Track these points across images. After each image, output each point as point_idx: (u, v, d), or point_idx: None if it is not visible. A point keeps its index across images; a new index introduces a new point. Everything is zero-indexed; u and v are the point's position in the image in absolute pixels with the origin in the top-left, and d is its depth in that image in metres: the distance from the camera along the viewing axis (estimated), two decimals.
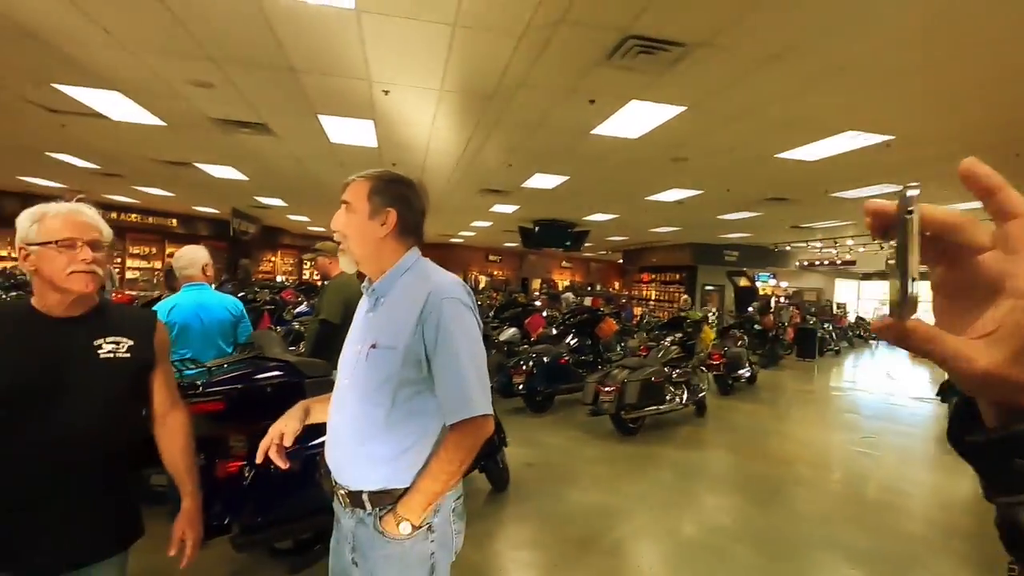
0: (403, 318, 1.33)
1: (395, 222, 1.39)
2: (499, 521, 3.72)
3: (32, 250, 1.34)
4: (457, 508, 1.44)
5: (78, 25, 3.76)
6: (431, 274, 1.40)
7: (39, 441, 1.32)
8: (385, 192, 1.40)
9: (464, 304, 1.36)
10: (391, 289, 1.41)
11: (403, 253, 1.43)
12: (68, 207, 1.39)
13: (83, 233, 1.36)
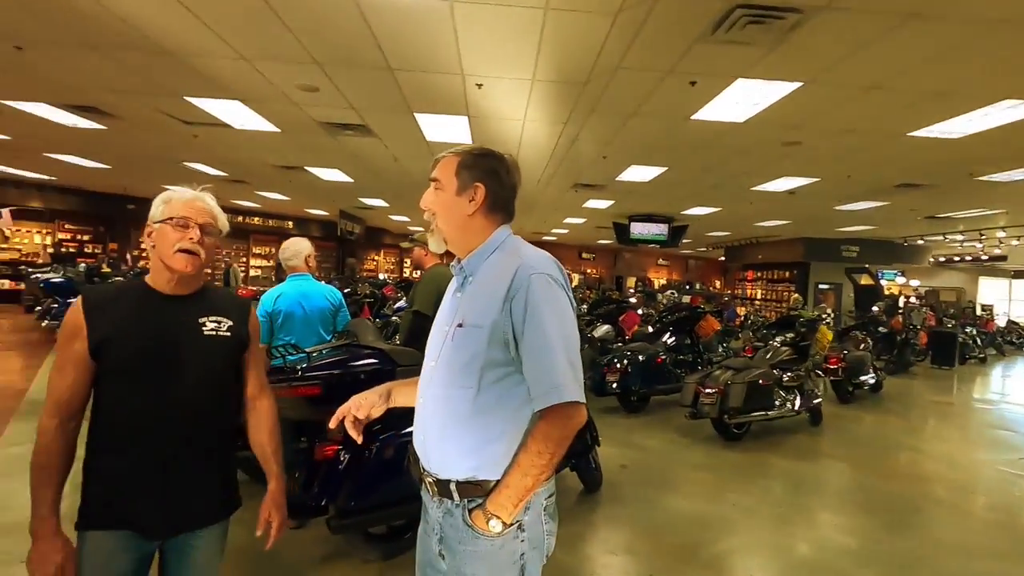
0: (490, 295, 1.25)
1: (484, 198, 1.33)
2: (591, 524, 3.57)
3: (155, 227, 1.46)
4: (549, 507, 1.33)
5: (203, 39, 4.10)
6: (521, 249, 1.31)
7: (153, 409, 1.40)
8: (473, 166, 1.33)
9: (555, 281, 1.26)
10: (479, 267, 1.34)
11: (492, 230, 1.36)
12: (192, 193, 1.50)
13: (199, 216, 1.47)
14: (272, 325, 3.19)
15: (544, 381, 1.18)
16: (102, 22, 3.90)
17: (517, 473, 1.19)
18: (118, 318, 1.40)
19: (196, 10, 3.67)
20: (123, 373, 1.39)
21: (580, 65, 4.25)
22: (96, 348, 1.37)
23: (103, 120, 6.70)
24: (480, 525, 1.22)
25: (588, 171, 8.35)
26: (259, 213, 17.39)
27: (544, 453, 1.18)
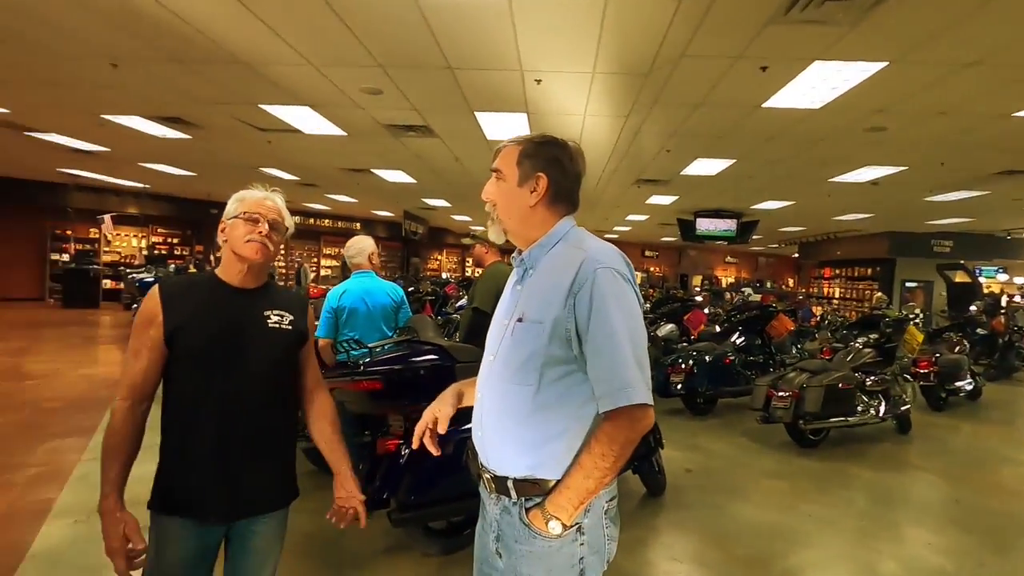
0: (552, 289, 1.20)
1: (546, 188, 1.28)
2: (653, 529, 3.45)
3: (228, 223, 1.55)
4: (610, 510, 1.27)
5: (275, 48, 4.30)
6: (586, 242, 1.26)
7: (217, 396, 1.46)
8: (535, 156, 1.28)
9: (622, 275, 1.19)
10: (541, 260, 1.29)
11: (555, 222, 1.31)
12: (263, 193, 1.59)
13: (268, 212, 1.55)
14: (337, 321, 3.28)
15: (610, 382, 1.12)
16: (187, 37, 4.16)
17: (579, 475, 1.15)
18: (191, 308, 1.48)
19: (268, 20, 3.84)
20: (192, 360, 1.46)
21: (642, 55, 4.12)
22: (170, 335, 1.45)
23: (188, 130, 7.19)
24: (538, 525, 1.18)
25: (651, 166, 8.12)
26: (329, 215, 18.15)
27: (608, 456, 1.13)
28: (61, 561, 2.71)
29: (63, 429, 4.56)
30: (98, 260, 14.31)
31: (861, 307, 15.17)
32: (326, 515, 1.65)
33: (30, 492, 3.43)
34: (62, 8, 3.80)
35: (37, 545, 2.84)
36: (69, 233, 14.24)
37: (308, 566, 2.83)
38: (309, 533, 3.13)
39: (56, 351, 8.01)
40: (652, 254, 24.77)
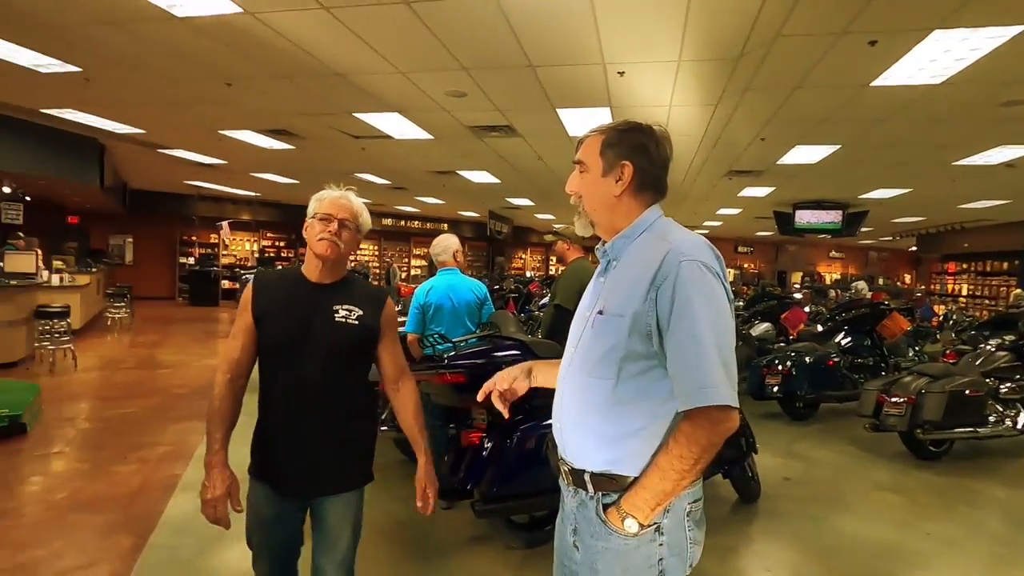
0: (634, 282, 1.17)
1: (631, 176, 1.24)
2: (745, 536, 3.27)
3: (309, 223, 1.68)
4: (694, 513, 1.22)
5: (367, 59, 4.54)
6: (671, 232, 1.21)
7: (288, 382, 1.61)
8: (619, 144, 1.25)
9: (709, 269, 1.13)
10: (625, 251, 1.26)
11: (641, 211, 1.27)
12: (339, 193, 1.71)
13: (339, 212, 1.66)
14: (424, 316, 3.41)
15: (691, 380, 1.07)
16: (290, 54, 4.50)
17: (655, 475, 1.11)
18: (274, 298, 1.66)
19: (362, 34, 4.06)
20: (271, 347, 1.64)
21: (732, 38, 3.91)
22: (256, 320, 1.64)
23: (291, 140, 7.77)
24: (614, 522, 1.16)
25: (744, 156, 7.69)
26: (418, 217, 18.89)
27: (687, 458, 1.08)
28: (187, 529, 3.04)
29: (188, 413, 5.11)
30: (218, 262, 15.86)
31: (995, 306, 13.47)
32: (417, 502, 1.74)
33: (161, 468, 3.87)
34: (185, 36, 4.24)
35: (167, 514, 3.20)
36: (194, 239, 15.90)
37: (396, 550, 2.96)
38: (400, 520, 3.28)
39: (183, 344, 8.97)
40: (746, 250, 23.46)
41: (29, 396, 4.67)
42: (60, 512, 3.19)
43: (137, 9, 3.82)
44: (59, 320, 6.91)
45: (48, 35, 4.41)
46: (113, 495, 3.43)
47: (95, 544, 2.86)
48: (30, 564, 2.65)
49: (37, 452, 4.09)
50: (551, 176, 9.65)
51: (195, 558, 2.76)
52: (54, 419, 4.82)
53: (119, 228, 14.71)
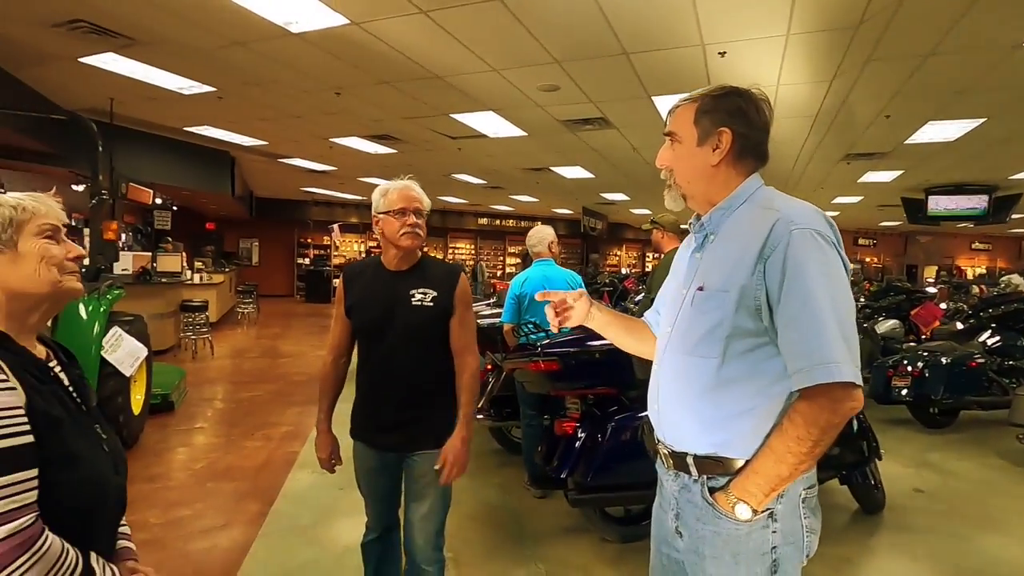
0: (738, 255, 1.10)
1: (730, 143, 1.17)
2: (866, 549, 2.97)
3: (380, 218, 1.80)
4: (809, 500, 1.14)
5: (462, 59, 4.67)
6: (778, 201, 1.14)
7: (377, 361, 1.83)
8: (716, 110, 1.18)
9: (823, 237, 1.06)
10: (724, 223, 1.19)
11: (741, 181, 1.20)
12: (403, 184, 1.82)
13: (410, 203, 1.78)
14: (519, 307, 3.45)
15: (808, 356, 1.00)
16: (392, 60, 4.75)
17: (769, 459, 1.04)
18: (360, 288, 1.87)
19: (456, 34, 4.19)
20: (360, 331, 1.88)
21: (850, 4, 3.57)
22: (347, 309, 1.88)
23: (394, 145, 8.19)
24: (724, 506, 1.10)
25: (865, 137, 7.00)
26: (512, 216, 19.17)
27: (805, 440, 1.01)
28: (305, 500, 3.31)
29: (304, 398, 5.56)
30: (329, 263, 17.12)
31: None
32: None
33: (283, 446, 4.25)
34: (300, 50, 4.61)
35: (287, 486, 3.51)
36: (309, 241, 17.30)
37: (492, 534, 3.02)
38: (494, 505, 3.34)
39: (300, 336, 9.78)
40: (867, 242, 21.29)
41: (176, 378, 5.32)
42: (200, 479, 3.61)
43: (260, 29, 4.21)
44: (200, 313, 7.80)
45: (190, 60, 4.99)
46: (243, 467, 3.82)
47: (229, 507, 3.20)
48: (178, 521, 3.03)
49: (182, 427, 4.65)
50: (647, 168, 9.37)
51: (311, 526, 3.01)
52: (195, 399, 5.45)
53: (247, 233, 16.35)
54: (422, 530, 1.82)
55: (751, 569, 1.10)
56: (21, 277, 0.93)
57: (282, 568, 2.62)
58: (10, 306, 0.93)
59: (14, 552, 0.79)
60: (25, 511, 0.81)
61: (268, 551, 2.76)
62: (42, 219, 0.96)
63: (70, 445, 0.91)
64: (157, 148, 8.26)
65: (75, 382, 1.04)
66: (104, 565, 0.93)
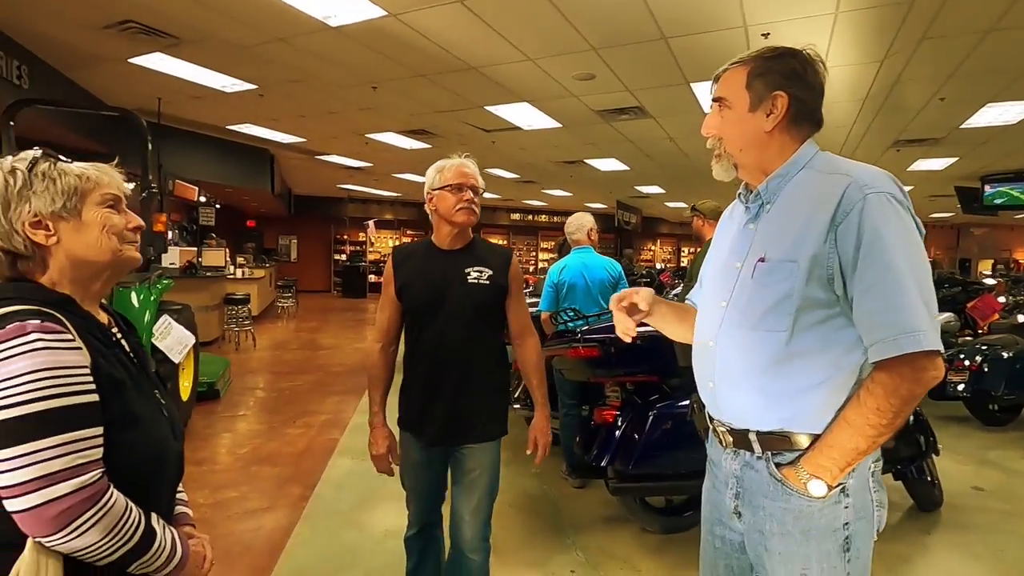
0: (805, 222, 1.05)
1: (786, 108, 1.11)
2: (922, 547, 2.84)
3: (435, 194, 1.77)
4: (877, 473, 1.10)
5: (497, 48, 4.65)
6: (844, 165, 1.08)
7: (430, 342, 1.75)
8: (770, 73, 1.12)
9: (898, 201, 1.01)
10: (781, 191, 1.14)
11: (796, 147, 1.14)
12: (459, 161, 1.78)
13: (467, 179, 1.75)
14: (557, 295, 3.42)
15: (890, 325, 0.96)
16: (427, 52, 4.77)
17: (846, 432, 1.00)
18: (411, 269, 1.80)
19: (491, 22, 4.17)
20: (413, 312, 1.79)
21: None
22: (398, 291, 1.80)
23: (429, 139, 8.24)
24: (794, 483, 1.06)
25: (916, 121, 6.68)
26: (545, 211, 19.09)
27: (886, 412, 0.97)
28: (344, 485, 3.37)
29: (343, 388, 5.66)
30: (365, 259, 17.39)
31: None
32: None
33: (323, 433, 4.33)
34: (338, 45, 4.67)
35: (327, 472, 3.57)
36: (345, 237, 17.61)
37: (531, 522, 3.01)
38: (532, 495, 3.33)
39: (338, 330, 9.97)
40: None
41: (221, 368, 5.48)
42: (245, 463, 3.70)
43: (301, 23, 4.28)
44: (242, 306, 8.03)
45: (233, 57, 5.12)
46: (285, 452, 3.90)
47: (272, 491, 3.28)
48: (224, 502, 3.12)
49: (227, 414, 4.79)
50: (683, 159, 9.19)
51: (351, 510, 3.06)
52: (239, 388, 5.61)
53: (286, 230, 16.74)
54: (471, 524, 1.79)
55: (821, 546, 1.06)
56: (84, 245, 0.94)
57: (325, 549, 2.67)
58: (74, 273, 0.95)
59: (82, 506, 0.81)
60: (92, 467, 0.83)
61: (311, 533, 2.81)
62: (105, 189, 0.98)
63: (132, 407, 0.92)
64: (201, 146, 8.53)
65: (135, 349, 1.06)
66: (164, 526, 0.95)
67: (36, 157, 0.93)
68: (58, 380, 0.81)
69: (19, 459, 0.78)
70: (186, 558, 0.97)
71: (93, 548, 0.83)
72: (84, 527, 0.81)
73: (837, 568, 1.06)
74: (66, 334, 0.85)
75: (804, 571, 1.08)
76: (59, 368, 0.82)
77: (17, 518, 0.79)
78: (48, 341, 0.82)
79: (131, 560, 0.88)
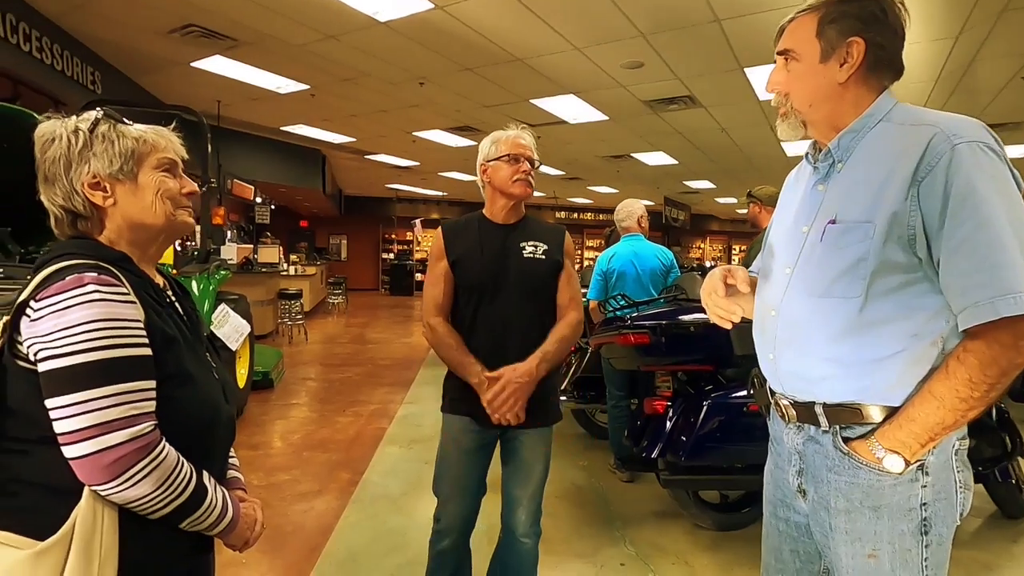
0: (882, 178, 0.96)
1: (862, 55, 1.01)
2: (1008, 556, 2.61)
3: (490, 165, 1.72)
4: (961, 452, 0.99)
5: (543, 38, 4.61)
6: (928, 116, 0.97)
7: (488, 317, 1.68)
8: (844, 17, 1.02)
9: (994, 151, 0.90)
10: (856, 147, 1.04)
11: (873, 99, 1.04)
12: (515, 133, 1.73)
13: (524, 151, 1.71)
14: (607, 284, 3.35)
15: (986, 286, 0.85)
16: (473, 43, 4.77)
17: (930, 405, 0.90)
18: (465, 243, 1.73)
19: (537, 10, 4.13)
20: (470, 287, 1.70)
21: None
22: (452, 265, 1.71)
23: (474, 136, 8.27)
24: (865, 456, 0.97)
25: (995, 104, 6.20)
26: (590, 209, 18.91)
27: (979, 384, 0.87)
28: (392, 472, 3.40)
29: (391, 380, 5.74)
30: (412, 257, 17.69)
31: None
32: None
33: (372, 422, 4.39)
34: (387, 40, 4.74)
35: (376, 459, 3.62)
36: (393, 236, 17.97)
37: (579, 513, 2.95)
38: (581, 486, 3.27)
39: (386, 326, 10.16)
40: None
41: (275, 359, 5.66)
42: (297, 449, 3.80)
43: (349, 20, 4.37)
44: (295, 301, 8.29)
45: (287, 58, 5.29)
46: (335, 440, 3.98)
47: (323, 475, 3.34)
48: (277, 485, 3.20)
49: (280, 402, 4.94)
50: (736, 153, 8.88)
51: (399, 496, 3.08)
52: (292, 378, 5.78)
53: (337, 229, 17.24)
54: (528, 508, 1.73)
55: (895, 525, 0.96)
56: (139, 208, 0.95)
57: (373, 532, 2.69)
58: (131, 235, 0.96)
59: (135, 455, 0.81)
60: (145, 419, 0.84)
61: (360, 515, 2.84)
62: (162, 153, 0.98)
63: (185, 365, 0.93)
64: (258, 148, 8.87)
65: (188, 312, 1.07)
66: (215, 485, 0.95)
67: (98, 118, 0.94)
68: (114, 331, 0.82)
69: (76, 406, 0.79)
70: (237, 519, 0.98)
71: (146, 499, 0.84)
72: (137, 477, 0.82)
73: (912, 552, 0.96)
74: (122, 287, 0.86)
75: (874, 552, 0.98)
76: (115, 320, 0.83)
77: (74, 464, 0.80)
78: (105, 293, 0.83)
79: (183, 515, 0.89)
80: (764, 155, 8.99)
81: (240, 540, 1.02)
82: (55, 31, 4.62)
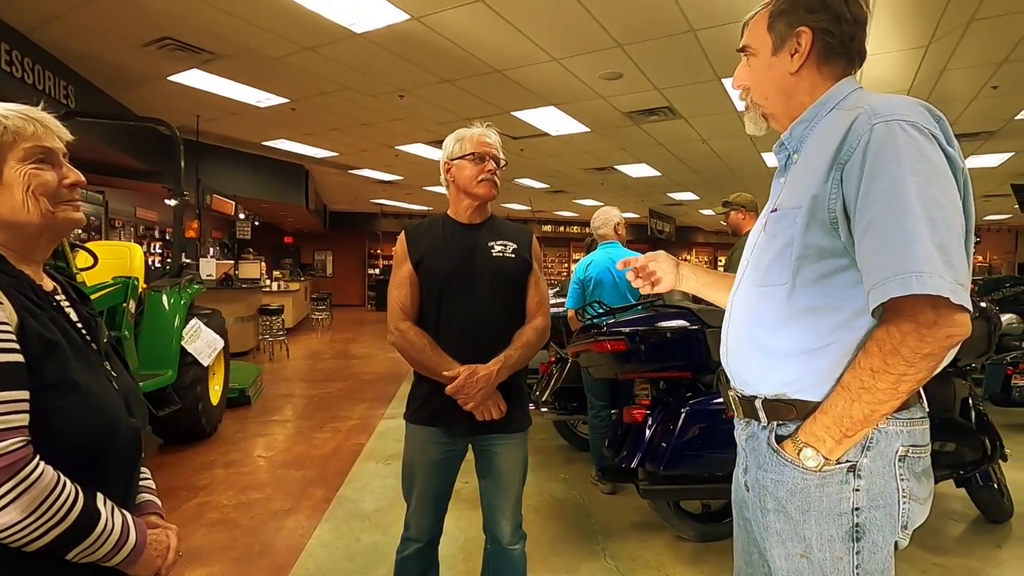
0: (814, 165, 0.94)
1: (810, 43, 1.00)
2: (994, 561, 2.56)
3: (453, 164, 1.67)
4: (911, 460, 0.92)
5: (521, 49, 4.63)
6: (865, 99, 0.94)
7: (457, 322, 1.60)
8: (792, 9, 1.01)
9: (916, 127, 0.85)
10: (808, 137, 1.01)
11: (829, 85, 1.02)
12: (480, 130, 1.69)
13: (489, 150, 1.66)
14: (584, 292, 3.31)
15: (888, 265, 0.80)
16: (452, 55, 4.78)
17: (840, 397, 0.87)
18: (429, 243, 1.66)
19: (513, 20, 4.15)
20: (436, 288, 1.62)
21: None
22: (416, 266, 1.64)
23: None
24: (789, 453, 0.94)
25: (967, 113, 6.33)
26: (576, 222, 18.97)
27: (883, 374, 0.82)
28: (368, 488, 3.31)
29: (373, 395, 5.64)
30: None
31: None
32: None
33: (350, 437, 4.29)
34: (364, 52, 4.74)
35: (352, 474, 3.52)
36: (379, 252, 17.88)
37: (558, 528, 2.87)
38: (561, 499, 3.20)
39: (371, 341, 10.03)
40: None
41: (253, 375, 5.54)
42: (272, 466, 3.69)
43: (325, 32, 4.36)
44: (276, 317, 8.17)
45: (265, 70, 5.25)
46: (311, 456, 3.87)
47: (296, 493, 3.24)
48: (249, 503, 3.09)
49: (258, 419, 4.81)
50: (717, 162, 8.96)
51: (373, 512, 2.98)
52: (271, 395, 5.66)
53: (321, 245, 17.13)
54: (511, 518, 1.69)
55: (823, 529, 0.92)
56: (8, 207, 0.84)
57: (346, 550, 2.60)
58: (4, 235, 0.86)
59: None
60: (12, 434, 0.73)
61: (332, 534, 2.75)
62: (30, 141, 0.85)
63: (70, 373, 0.82)
64: (239, 163, 8.81)
65: (84, 319, 0.96)
66: (113, 508, 0.83)
67: None
68: None
69: None
70: (142, 546, 0.86)
71: (15, 529, 0.72)
72: (1, 502, 0.71)
73: (843, 560, 0.91)
74: None
75: (804, 555, 0.94)
76: None
77: None
78: None
79: (69, 545, 0.77)
80: (745, 165, 9.08)
81: (148, 570, 0.89)
82: (26, 44, 4.56)
